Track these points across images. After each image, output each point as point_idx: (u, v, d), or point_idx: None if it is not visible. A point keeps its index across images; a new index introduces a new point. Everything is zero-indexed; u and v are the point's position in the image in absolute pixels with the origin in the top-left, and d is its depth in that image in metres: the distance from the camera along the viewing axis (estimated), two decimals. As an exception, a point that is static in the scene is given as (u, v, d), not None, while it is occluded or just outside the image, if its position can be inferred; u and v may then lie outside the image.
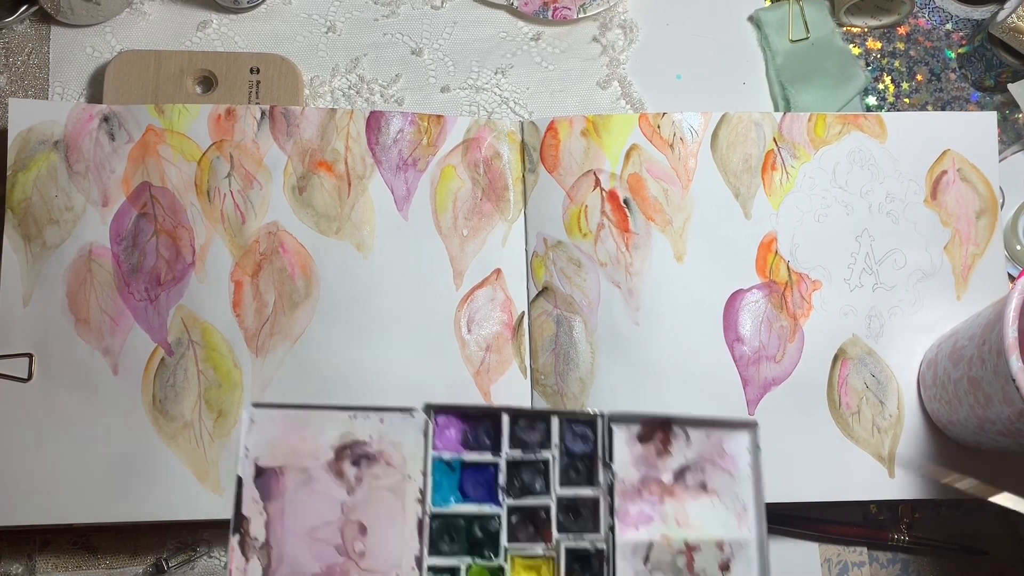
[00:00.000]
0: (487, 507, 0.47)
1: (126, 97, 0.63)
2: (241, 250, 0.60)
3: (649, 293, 0.60)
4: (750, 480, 0.49)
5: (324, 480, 0.45)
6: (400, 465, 0.46)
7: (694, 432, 0.49)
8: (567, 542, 0.46)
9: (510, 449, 0.47)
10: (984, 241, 0.61)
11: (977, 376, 0.52)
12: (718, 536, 0.48)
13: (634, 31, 0.68)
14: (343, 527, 0.45)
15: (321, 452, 0.45)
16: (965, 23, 0.69)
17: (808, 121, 0.63)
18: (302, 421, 0.45)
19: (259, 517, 0.44)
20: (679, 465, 0.49)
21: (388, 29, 0.68)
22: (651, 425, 0.49)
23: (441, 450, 0.47)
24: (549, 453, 0.47)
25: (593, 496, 0.47)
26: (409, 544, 0.45)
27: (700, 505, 0.48)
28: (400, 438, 0.46)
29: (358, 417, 0.46)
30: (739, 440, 0.49)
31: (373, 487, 0.45)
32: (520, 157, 0.63)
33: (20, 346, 0.58)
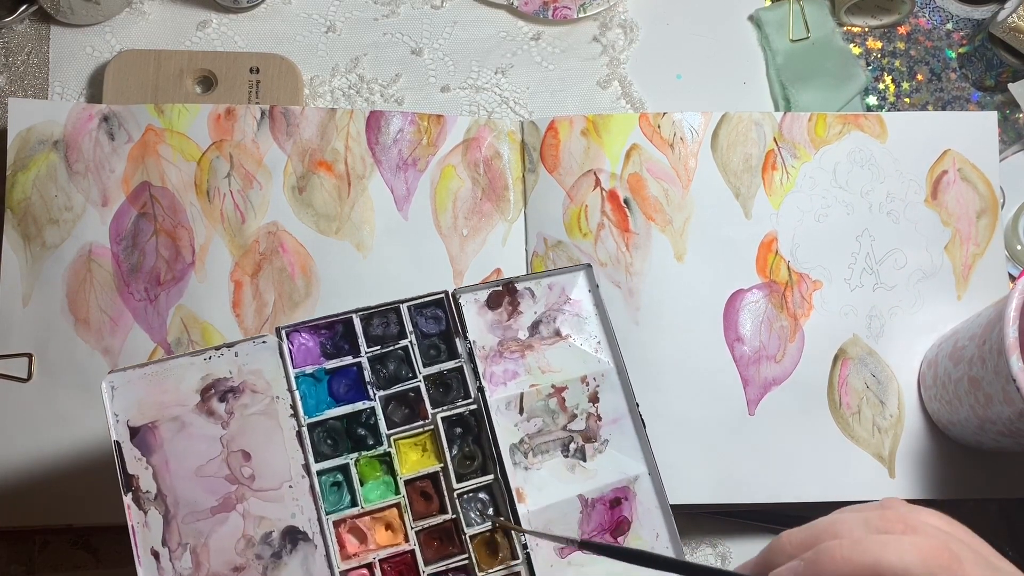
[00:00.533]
0: (360, 404, 0.50)
1: (126, 97, 0.63)
2: (241, 250, 0.60)
3: (649, 293, 0.60)
4: (596, 316, 0.53)
5: (197, 422, 0.48)
6: (265, 389, 0.49)
7: (537, 288, 0.53)
8: (442, 413, 0.50)
9: (369, 347, 0.50)
10: (984, 241, 0.61)
11: (978, 376, 0.51)
12: (580, 372, 0.52)
13: (634, 31, 0.68)
14: (227, 458, 0.48)
15: (187, 398, 0.48)
16: (965, 23, 0.69)
17: (808, 121, 0.63)
18: (161, 375, 0.48)
19: (145, 472, 0.47)
20: (532, 320, 0.53)
21: (388, 29, 0.68)
22: (496, 291, 0.53)
23: (303, 366, 0.50)
24: (407, 340, 0.51)
25: (456, 366, 0.51)
26: (293, 456, 0.48)
27: (559, 350, 0.53)
28: (259, 365, 0.49)
29: (213, 358, 0.48)
30: (579, 284, 0.54)
31: (245, 416, 0.48)
32: (520, 157, 0.63)
33: (20, 346, 0.58)
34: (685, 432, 0.58)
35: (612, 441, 0.52)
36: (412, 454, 0.50)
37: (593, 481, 0.51)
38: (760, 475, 0.57)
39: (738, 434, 0.58)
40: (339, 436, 0.50)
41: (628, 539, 0.51)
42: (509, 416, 0.51)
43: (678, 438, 0.57)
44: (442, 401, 0.51)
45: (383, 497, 0.49)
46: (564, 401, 0.52)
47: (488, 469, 0.50)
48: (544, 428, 0.52)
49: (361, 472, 0.49)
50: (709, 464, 0.57)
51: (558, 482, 0.51)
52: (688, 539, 0.59)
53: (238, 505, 0.47)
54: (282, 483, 0.48)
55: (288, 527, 0.47)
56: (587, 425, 0.52)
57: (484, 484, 0.50)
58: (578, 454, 0.52)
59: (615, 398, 0.52)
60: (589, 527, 0.50)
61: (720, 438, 0.58)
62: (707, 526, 0.60)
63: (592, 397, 0.52)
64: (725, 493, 0.57)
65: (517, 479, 0.50)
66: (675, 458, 0.57)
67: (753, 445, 0.58)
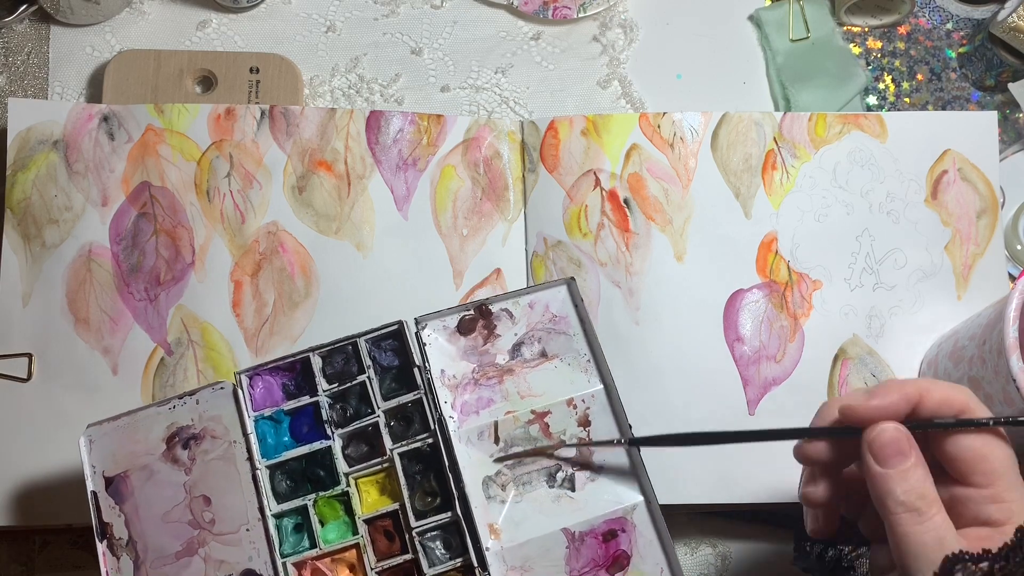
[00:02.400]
0: (317, 444, 0.50)
1: (126, 97, 0.63)
2: (241, 250, 0.60)
3: (649, 293, 0.60)
4: (583, 333, 0.51)
5: (164, 470, 0.49)
6: (224, 434, 0.49)
7: (515, 308, 0.51)
8: (399, 449, 0.49)
9: (327, 385, 0.50)
10: (985, 241, 0.61)
11: (978, 376, 0.51)
12: (565, 395, 0.50)
13: (634, 30, 0.68)
14: (190, 504, 0.49)
15: (154, 447, 0.50)
16: (966, 22, 0.69)
17: (808, 121, 0.63)
18: (132, 426, 0.50)
19: (118, 519, 0.49)
20: (512, 343, 0.51)
21: (388, 28, 0.68)
22: (467, 317, 0.51)
23: (262, 408, 0.50)
24: (365, 376, 0.50)
25: (416, 398, 0.50)
26: (250, 499, 0.48)
27: (543, 372, 0.50)
28: (218, 411, 0.50)
29: (176, 406, 0.50)
30: (562, 299, 0.51)
31: (205, 461, 0.49)
32: (520, 157, 0.63)
33: (19, 346, 0.58)
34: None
35: (606, 468, 0.49)
36: (372, 492, 0.49)
37: (582, 513, 0.48)
38: (760, 475, 0.57)
39: (738, 434, 0.58)
40: (298, 477, 0.50)
41: (629, 573, 0.48)
42: (483, 447, 0.49)
43: (678, 438, 0.57)
44: (403, 436, 0.49)
45: (342, 537, 0.48)
46: (548, 427, 0.49)
47: (450, 505, 0.48)
48: (527, 458, 0.49)
49: (321, 513, 0.49)
50: (709, 464, 0.57)
51: (539, 515, 0.48)
52: (688, 539, 0.59)
53: (200, 549, 0.48)
54: (240, 527, 0.48)
55: (246, 570, 0.48)
56: (578, 451, 0.49)
57: (444, 522, 0.48)
58: (566, 484, 0.49)
59: (607, 421, 0.49)
60: (579, 563, 0.47)
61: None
62: (707, 526, 0.60)
63: (582, 421, 0.49)
64: (725, 493, 0.57)
65: (491, 514, 0.48)
66: (675, 458, 0.57)
67: (753, 446, 0.57)
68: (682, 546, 0.59)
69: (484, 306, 0.51)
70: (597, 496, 0.49)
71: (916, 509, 0.38)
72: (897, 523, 0.38)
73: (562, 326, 0.51)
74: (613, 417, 0.50)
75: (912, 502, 0.38)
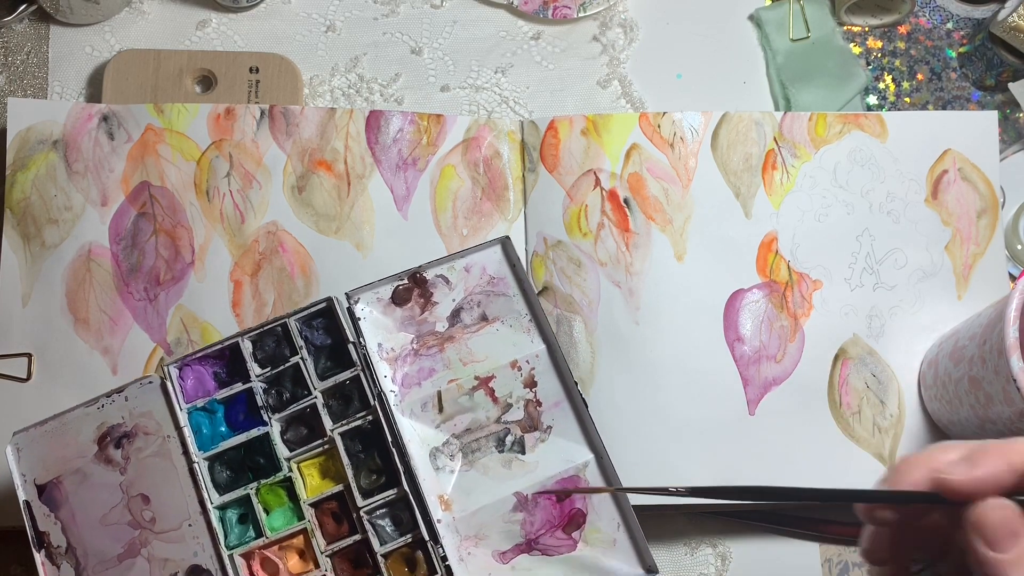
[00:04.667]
0: (254, 431, 0.48)
1: (125, 96, 0.63)
2: (240, 250, 0.60)
3: (649, 293, 0.60)
4: (521, 293, 0.50)
5: (97, 471, 0.48)
6: (156, 430, 0.48)
7: (451, 274, 0.50)
8: (339, 429, 0.48)
9: (260, 370, 0.49)
10: (985, 241, 0.61)
11: (978, 376, 0.51)
12: (509, 358, 0.49)
13: (634, 30, 0.68)
14: (128, 504, 0.48)
15: (86, 449, 0.48)
16: (966, 22, 0.69)
17: (809, 120, 0.63)
18: (60, 429, 0.48)
19: (55, 527, 0.47)
20: (451, 309, 0.50)
21: (388, 28, 0.68)
22: (401, 287, 0.50)
23: (194, 399, 0.49)
24: (298, 358, 0.49)
25: (353, 375, 0.48)
26: (189, 494, 0.47)
27: (486, 337, 0.49)
28: (149, 407, 0.48)
29: (105, 405, 0.48)
30: (498, 260, 0.50)
31: (140, 459, 0.48)
32: (520, 156, 0.63)
33: (19, 346, 0.58)
34: (685, 432, 0.57)
35: (556, 427, 0.48)
36: (316, 476, 0.48)
37: (534, 475, 0.47)
38: (760, 475, 0.57)
39: (738, 434, 0.58)
40: (239, 467, 0.49)
41: (585, 532, 0.47)
42: (427, 418, 0.48)
43: (678, 438, 0.57)
44: (344, 415, 0.48)
45: (288, 524, 0.47)
46: (494, 391, 0.48)
47: (396, 481, 0.47)
48: (474, 425, 0.48)
49: (265, 501, 0.48)
50: (709, 464, 0.57)
51: (491, 481, 0.47)
52: (688, 539, 0.59)
53: (143, 550, 0.47)
54: (182, 522, 0.47)
55: (192, 566, 0.47)
56: (526, 413, 0.48)
57: (391, 499, 0.47)
58: (516, 447, 0.48)
59: (553, 380, 0.49)
60: (535, 526, 0.47)
61: (720, 438, 0.58)
62: (707, 526, 0.59)
63: (528, 382, 0.49)
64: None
65: (441, 485, 0.47)
66: (675, 458, 0.57)
67: (753, 445, 0.58)
68: (682, 546, 0.59)
69: (418, 274, 0.50)
70: (548, 457, 0.48)
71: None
72: None
73: (501, 287, 0.50)
74: (558, 376, 0.49)
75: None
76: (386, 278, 0.49)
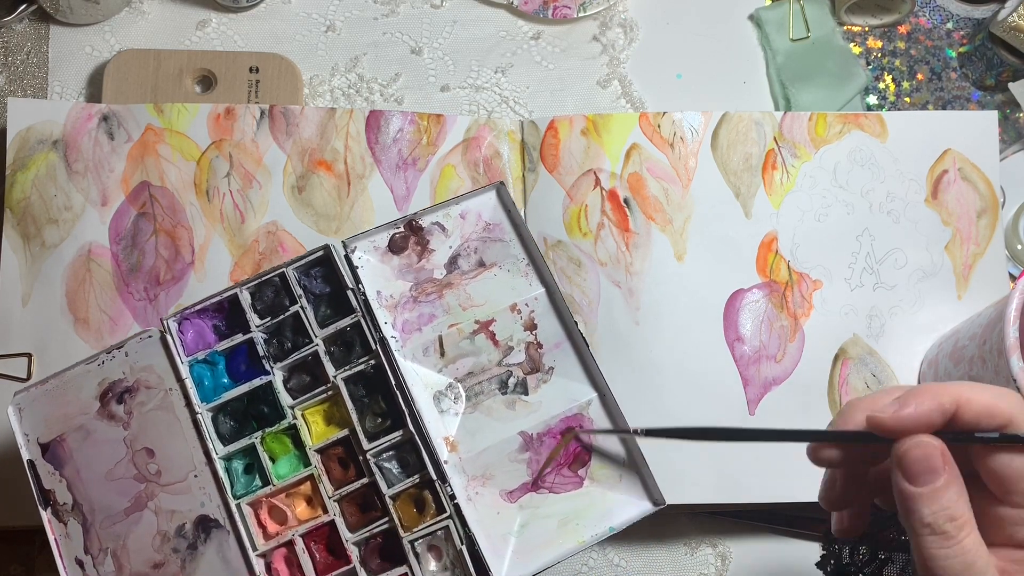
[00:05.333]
0: (257, 380, 0.49)
1: (125, 96, 0.63)
2: (240, 249, 0.60)
3: (649, 293, 0.60)
4: (517, 237, 0.50)
5: (100, 428, 0.48)
6: (158, 384, 0.48)
7: (447, 221, 0.50)
8: (342, 374, 0.48)
9: (259, 320, 0.49)
10: (985, 240, 0.61)
11: (978, 376, 0.51)
12: (508, 302, 0.49)
13: (634, 30, 0.68)
14: (133, 458, 0.48)
15: (88, 406, 0.48)
16: (966, 22, 0.69)
17: (809, 120, 0.63)
18: (61, 388, 0.48)
19: (60, 484, 0.47)
20: (448, 256, 0.50)
21: (388, 28, 0.68)
22: (398, 234, 0.50)
23: (195, 352, 0.49)
24: (298, 306, 0.49)
25: (354, 321, 0.48)
26: (194, 445, 0.48)
27: (484, 282, 0.50)
28: (149, 361, 0.48)
29: (105, 361, 0.48)
30: (493, 205, 0.50)
31: (143, 413, 0.48)
32: (520, 156, 0.63)
33: (19, 346, 0.58)
34: (685, 432, 0.57)
35: (557, 368, 0.48)
36: (320, 422, 0.48)
37: (537, 415, 0.48)
38: (760, 475, 0.57)
39: (738, 434, 0.58)
40: (242, 417, 0.49)
41: (591, 469, 0.48)
42: (429, 362, 0.48)
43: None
44: (346, 361, 0.48)
45: (295, 471, 0.48)
46: (494, 335, 0.49)
47: (402, 423, 0.47)
48: (476, 368, 0.48)
49: (270, 449, 0.48)
50: (709, 464, 0.57)
51: (495, 422, 0.48)
52: (688, 539, 0.59)
53: (149, 503, 0.47)
54: (187, 474, 0.48)
55: (199, 516, 0.47)
56: (527, 355, 0.49)
57: (397, 441, 0.47)
58: (519, 388, 0.48)
59: (553, 322, 0.49)
60: (540, 464, 0.47)
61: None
62: (707, 526, 0.59)
63: (528, 324, 0.49)
64: (725, 493, 0.57)
65: (446, 427, 0.47)
66: (675, 458, 0.57)
67: (753, 445, 0.58)
68: (682, 546, 0.59)
69: (414, 221, 0.50)
70: (551, 397, 0.48)
71: (944, 532, 0.35)
72: (923, 545, 0.35)
73: (497, 233, 0.50)
74: (557, 317, 0.49)
75: (940, 524, 0.35)
76: (382, 225, 0.50)
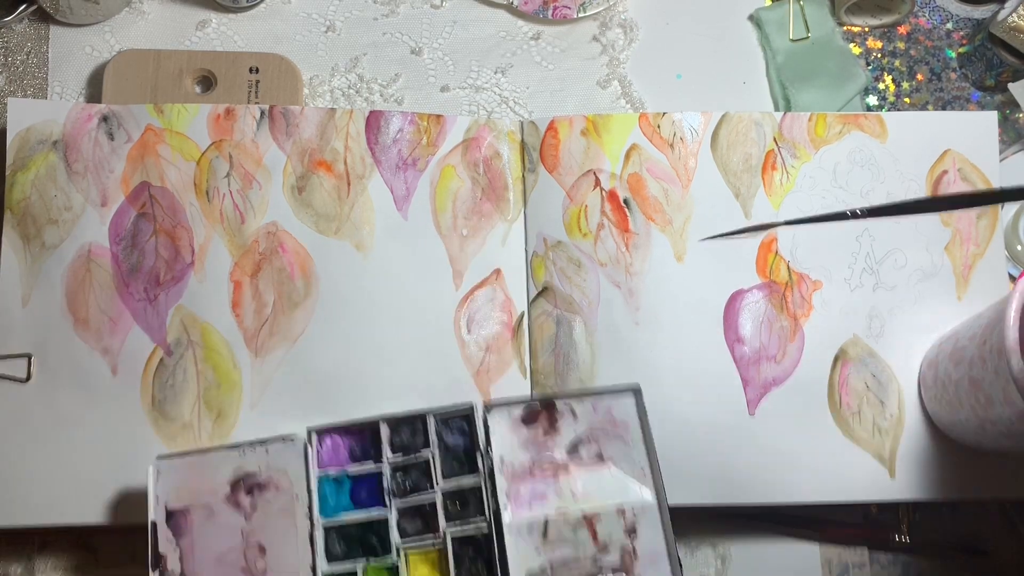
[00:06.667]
0: (375, 511, 0.51)
1: (125, 97, 0.63)
2: (240, 250, 0.60)
3: (649, 293, 0.60)
4: (643, 443, 0.52)
5: (224, 512, 0.51)
6: (288, 488, 0.51)
7: (579, 407, 0.52)
8: (453, 530, 0.50)
9: (392, 455, 0.52)
10: (985, 241, 0.61)
11: (978, 377, 0.51)
12: (618, 502, 0.50)
13: (634, 30, 0.68)
14: (245, 550, 0.50)
15: (219, 488, 0.51)
16: (966, 22, 0.69)
17: (808, 121, 0.63)
18: (200, 464, 0.52)
19: (173, 553, 0.50)
20: (571, 441, 0.52)
21: (388, 28, 0.68)
22: (532, 408, 0.52)
23: (327, 467, 0.52)
24: (429, 452, 0.52)
25: (475, 483, 0.51)
26: (303, 556, 0.50)
27: (597, 475, 0.51)
28: (285, 464, 0.51)
29: (246, 452, 0.51)
30: (626, 406, 0.52)
31: (267, 511, 0.51)
32: (520, 157, 0.63)
33: (19, 346, 0.58)
34: (685, 432, 0.57)
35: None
36: (422, 567, 0.51)
37: None
38: (760, 475, 0.57)
39: (738, 434, 0.58)
40: (352, 541, 0.51)
41: None
42: (531, 540, 0.50)
43: (678, 438, 0.57)
44: (458, 516, 0.51)
45: None
46: (596, 531, 0.50)
47: None
48: (571, 559, 0.50)
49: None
50: (709, 464, 0.57)
51: None
52: (688, 539, 0.59)
53: None
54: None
55: None
56: (622, 561, 0.50)
57: None
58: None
59: (654, 535, 0.50)
60: None
61: (720, 438, 0.58)
62: (707, 526, 0.59)
63: (630, 530, 0.50)
64: (725, 493, 0.57)
65: None
66: (675, 458, 0.57)
67: (753, 445, 0.58)
68: (682, 546, 0.59)
69: (551, 401, 0.52)
70: None
71: None
72: None
73: (622, 432, 0.52)
74: (661, 531, 0.50)
75: None
76: (522, 399, 0.53)
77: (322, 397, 0.58)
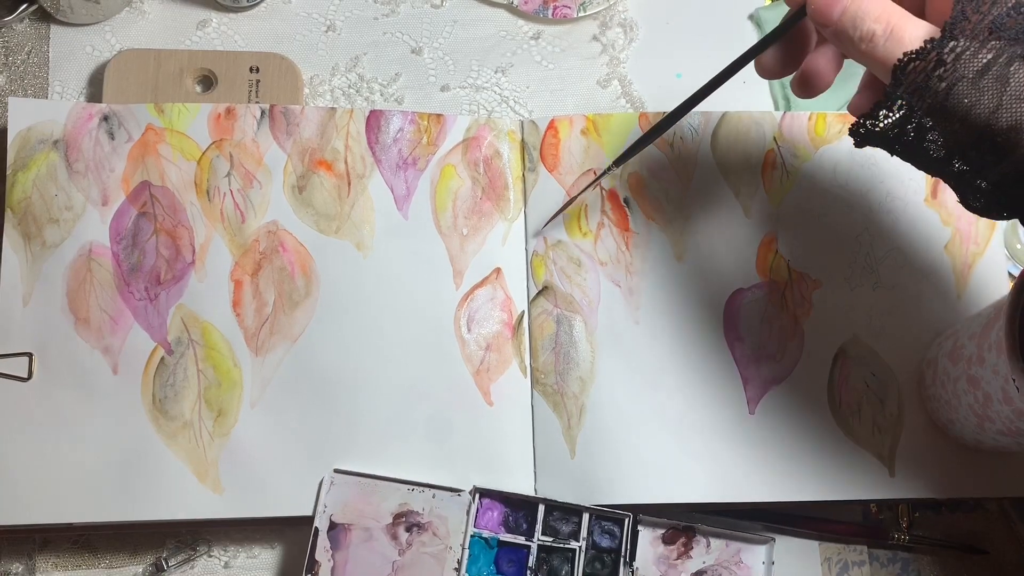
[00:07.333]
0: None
1: (126, 96, 0.63)
2: (241, 249, 0.60)
3: (649, 293, 0.60)
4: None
5: (381, 540, 0.54)
6: (444, 536, 0.54)
7: (715, 540, 0.56)
8: None
9: (542, 535, 0.55)
10: (984, 240, 0.61)
11: (977, 375, 0.51)
12: None
13: (634, 30, 0.68)
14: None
15: (382, 516, 0.54)
16: (965, 22, 0.69)
17: (808, 120, 0.63)
18: (371, 488, 0.55)
19: (327, 563, 0.54)
20: (697, 568, 0.55)
21: (388, 28, 0.68)
22: (675, 530, 0.56)
23: (482, 528, 0.55)
24: (577, 544, 0.55)
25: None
26: None
27: None
28: (447, 513, 0.55)
29: (415, 491, 0.55)
30: (756, 553, 0.56)
31: (419, 552, 0.54)
32: (520, 156, 0.63)
33: (20, 345, 0.58)
34: (685, 431, 0.58)
35: None
36: None
37: None
38: (760, 474, 0.57)
39: (738, 433, 0.58)
40: None
41: None
42: None
43: (678, 437, 0.57)
44: None
45: None
46: None
47: None
48: None
49: None
50: (709, 463, 0.57)
51: None
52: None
53: None
54: None
55: None
56: None
57: None
58: None
59: None
60: None
61: (720, 437, 0.58)
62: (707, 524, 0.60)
63: None
64: (725, 493, 0.57)
65: None
66: (675, 457, 0.57)
67: (753, 444, 0.58)
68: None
69: (693, 528, 0.56)
70: None
71: (871, 34, 0.43)
72: (861, 54, 0.44)
73: (744, 573, 0.56)
74: None
75: (865, 29, 0.43)
76: (670, 520, 0.56)
77: (322, 396, 0.58)
